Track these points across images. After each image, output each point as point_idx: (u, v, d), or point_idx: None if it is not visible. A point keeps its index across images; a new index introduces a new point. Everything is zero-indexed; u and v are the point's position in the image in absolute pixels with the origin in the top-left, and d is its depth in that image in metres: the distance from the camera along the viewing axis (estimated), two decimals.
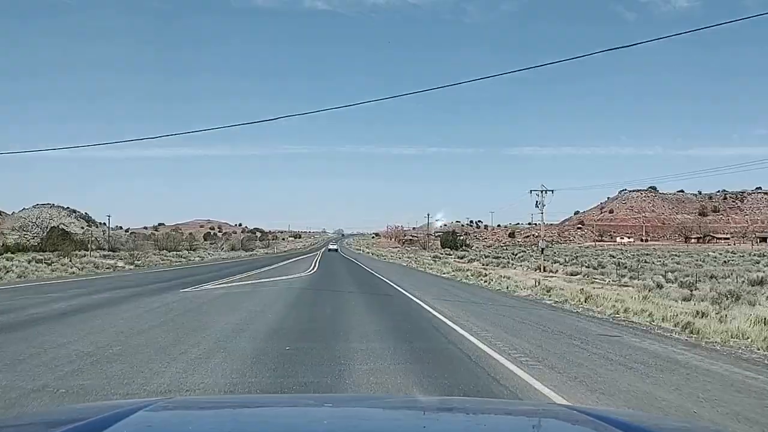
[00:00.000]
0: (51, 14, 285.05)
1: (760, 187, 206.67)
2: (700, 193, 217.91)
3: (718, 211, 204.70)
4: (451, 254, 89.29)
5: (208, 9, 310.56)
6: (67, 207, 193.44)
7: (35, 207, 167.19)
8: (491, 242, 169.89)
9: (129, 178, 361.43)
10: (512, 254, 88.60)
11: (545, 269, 45.14)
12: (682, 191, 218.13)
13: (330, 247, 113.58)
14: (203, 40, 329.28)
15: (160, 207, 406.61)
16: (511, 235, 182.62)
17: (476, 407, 2.47)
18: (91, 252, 59.45)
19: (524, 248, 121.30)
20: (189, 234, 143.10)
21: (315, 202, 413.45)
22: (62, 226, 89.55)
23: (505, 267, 50.42)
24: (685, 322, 11.62)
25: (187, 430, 1.79)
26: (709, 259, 69.90)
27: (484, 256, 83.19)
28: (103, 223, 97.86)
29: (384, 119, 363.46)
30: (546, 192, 47.12)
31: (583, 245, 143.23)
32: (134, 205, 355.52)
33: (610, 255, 77.49)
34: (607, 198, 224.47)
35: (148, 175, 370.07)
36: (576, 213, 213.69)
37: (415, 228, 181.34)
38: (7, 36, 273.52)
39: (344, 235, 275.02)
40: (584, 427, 1.79)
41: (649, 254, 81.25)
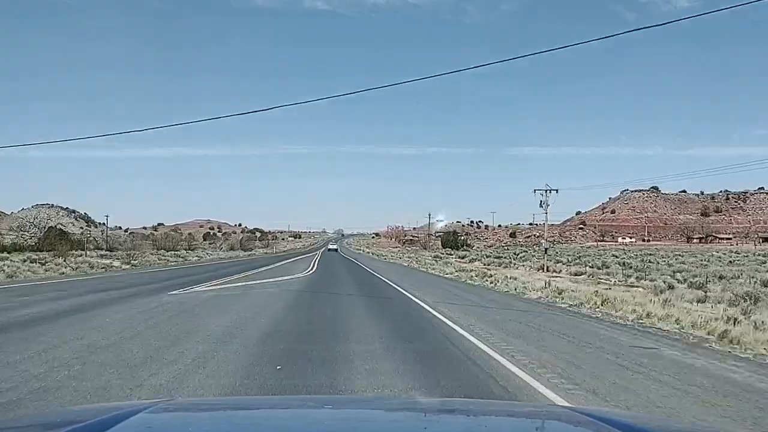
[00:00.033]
0: (51, 14, 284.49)
1: (762, 187, 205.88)
2: (703, 193, 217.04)
3: (721, 212, 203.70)
4: (452, 254, 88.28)
5: (208, 9, 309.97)
6: (66, 207, 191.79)
7: (34, 207, 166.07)
8: (492, 242, 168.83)
9: (129, 178, 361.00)
10: (514, 254, 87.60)
11: (548, 269, 44.11)
12: (685, 191, 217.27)
13: (330, 247, 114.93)
14: (203, 40, 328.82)
15: (160, 207, 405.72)
16: (512, 235, 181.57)
17: (477, 409, 2.41)
18: (87, 252, 58.52)
19: (526, 248, 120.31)
20: (188, 234, 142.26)
21: (315, 202, 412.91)
22: (60, 226, 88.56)
23: (507, 267, 49.37)
24: (721, 331, 10.52)
25: None
26: (714, 259, 68.85)
27: (486, 256, 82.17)
28: (103, 224, 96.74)
29: (384, 119, 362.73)
30: (550, 191, 46.23)
31: (585, 245, 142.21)
32: (134, 205, 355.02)
33: (613, 255, 76.49)
34: (609, 198, 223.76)
35: (148, 175, 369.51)
36: (577, 213, 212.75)
37: (416, 228, 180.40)
38: (7, 36, 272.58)
39: (344, 235, 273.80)
40: (586, 429, 1.79)
41: (652, 254, 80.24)
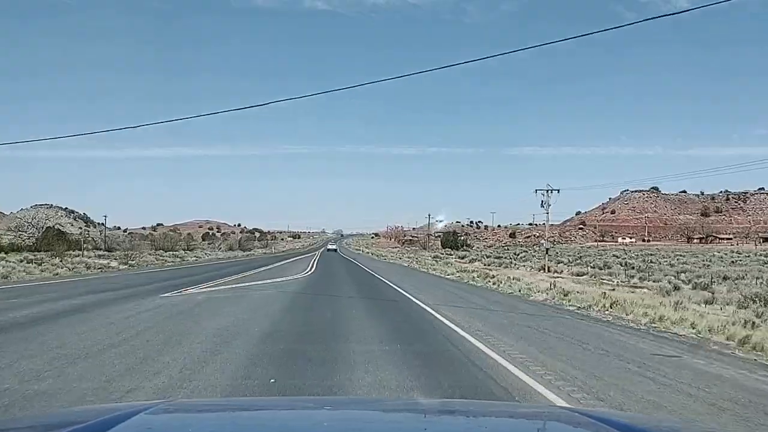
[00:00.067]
0: (51, 14, 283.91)
1: (762, 188, 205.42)
2: (703, 193, 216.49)
3: (721, 212, 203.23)
4: (451, 254, 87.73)
5: (208, 9, 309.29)
6: (65, 207, 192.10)
7: (33, 207, 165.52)
8: (492, 242, 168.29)
9: (128, 178, 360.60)
10: (514, 254, 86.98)
11: (549, 270, 43.57)
12: (685, 192, 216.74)
13: (329, 247, 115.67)
14: (203, 40, 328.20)
15: (160, 207, 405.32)
16: (512, 235, 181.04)
17: (478, 410, 2.39)
18: (84, 252, 57.97)
19: (526, 248, 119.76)
20: (187, 234, 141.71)
21: (314, 202, 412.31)
22: (58, 226, 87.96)
23: (508, 267, 48.80)
24: (741, 336, 9.96)
25: None
26: (716, 259, 68.31)
27: (486, 256, 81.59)
28: (101, 224, 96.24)
29: (384, 119, 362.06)
30: (551, 191, 45.69)
31: (585, 245, 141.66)
32: (133, 206, 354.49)
33: (614, 255, 75.91)
34: (609, 198, 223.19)
35: (148, 175, 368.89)
36: (577, 213, 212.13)
37: (415, 228, 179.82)
38: (7, 36, 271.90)
39: (343, 235, 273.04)
40: (585, 429, 1.79)
41: (653, 254, 79.68)
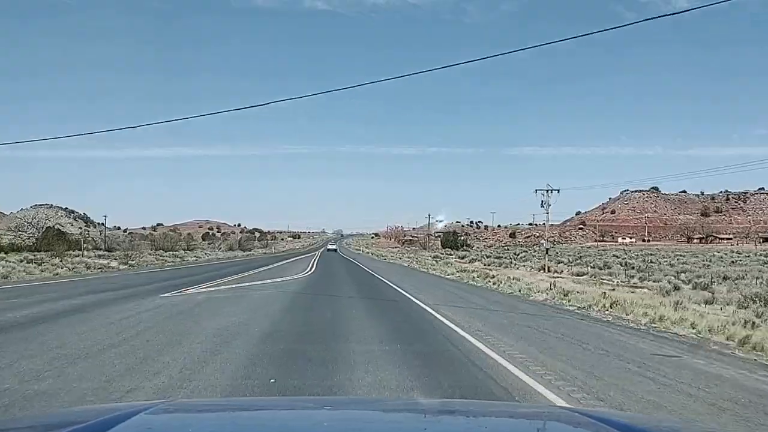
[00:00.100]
0: (51, 14, 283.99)
1: (762, 188, 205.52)
2: (703, 193, 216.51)
3: (721, 212, 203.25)
4: (451, 254, 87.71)
5: (208, 9, 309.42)
6: (65, 207, 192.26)
7: (33, 207, 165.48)
8: (492, 242, 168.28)
9: (129, 178, 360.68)
10: (514, 254, 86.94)
11: (549, 270, 43.53)
12: (685, 192, 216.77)
13: (329, 247, 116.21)
14: (203, 40, 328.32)
15: (160, 207, 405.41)
16: (511, 235, 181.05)
17: (477, 410, 2.38)
18: (84, 252, 57.96)
19: (526, 248, 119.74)
20: (187, 234, 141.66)
21: (314, 202, 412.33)
22: (58, 226, 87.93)
23: (508, 267, 48.77)
24: (741, 336, 9.93)
25: None
26: (716, 259, 68.25)
27: (486, 256, 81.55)
28: (101, 224, 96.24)
29: (384, 119, 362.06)
30: (551, 191, 45.66)
31: (585, 245, 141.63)
32: (134, 206, 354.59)
33: (614, 255, 75.87)
34: (609, 198, 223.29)
35: (148, 175, 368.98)
36: (577, 213, 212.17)
37: (415, 228, 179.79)
38: (7, 36, 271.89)
39: (343, 235, 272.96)
40: (585, 429, 1.79)
41: (653, 254, 79.63)
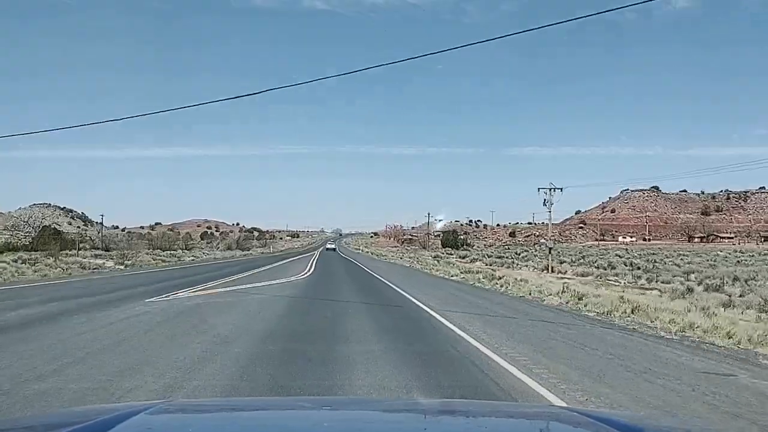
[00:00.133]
0: (51, 14, 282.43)
1: (763, 187, 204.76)
2: (703, 192, 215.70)
3: (721, 211, 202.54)
4: (452, 254, 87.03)
5: (208, 9, 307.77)
6: (63, 207, 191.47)
7: (30, 206, 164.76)
8: (492, 242, 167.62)
9: (128, 178, 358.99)
10: (515, 254, 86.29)
11: (553, 270, 42.83)
12: (685, 191, 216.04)
13: (328, 246, 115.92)
14: (203, 40, 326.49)
15: (159, 207, 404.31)
16: (511, 234, 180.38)
17: (478, 410, 2.39)
18: (79, 252, 57.24)
19: (526, 248, 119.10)
20: (186, 233, 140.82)
21: (314, 201, 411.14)
22: (55, 226, 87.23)
23: (510, 267, 48.05)
24: None
25: None
26: (720, 259, 67.55)
27: (487, 255, 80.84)
28: (99, 223, 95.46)
29: (384, 119, 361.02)
30: (554, 190, 45.00)
31: (586, 245, 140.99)
32: (133, 205, 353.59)
33: (617, 255, 75.15)
34: (609, 198, 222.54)
35: (148, 174, 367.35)
36: (577, 212, 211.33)
37: (414, 227, 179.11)
38: (7, 36, 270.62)
39: (342, 234, 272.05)
40: (585, 429, 1.79)
41: (655, 254, 78.96)
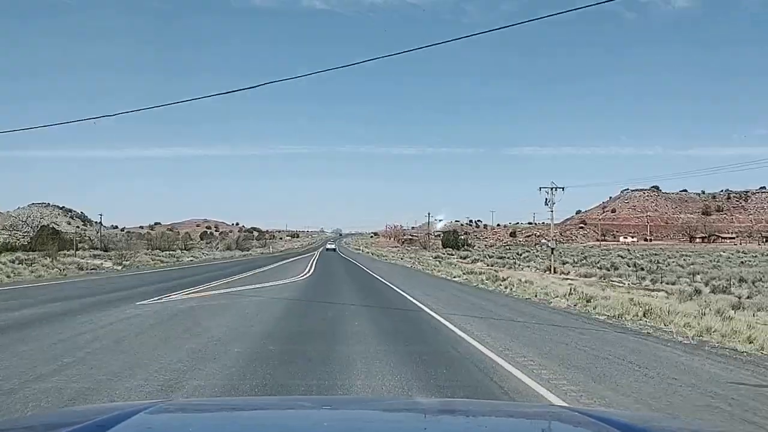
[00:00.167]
0: (51, 14, 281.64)
1: (764, 186, 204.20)
2: (704, 192, 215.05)
3: (722, 211, 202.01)
4: (453, 254, 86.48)
5: (208, 9, 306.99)
6: (62, 206, 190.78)
7: (29, 206, 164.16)
8: (492, 242, 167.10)
9: (128, 177, 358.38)
10: (516, 254, 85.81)
11: (555, 270, 42.27)
12: (685, 190, 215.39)
13: (328, 246, 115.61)
14: (203, 40, 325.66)
15: (159, 207, 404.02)
16: (512, 234, 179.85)
17: (478, 409, 2.38)
18: (76, 252, 56.64)
19: (527, 248, 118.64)
20: (185, 233, 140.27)
21: (314, 201, 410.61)
22: (53, 225, 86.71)
23: (512, 268, 47.48)
24: None
25: None
26: (723, 259, 67.05)
27: (488, 256, 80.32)
28: (99, 223, 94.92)
29: (384, 119, 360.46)
30: (556, 189, 44.43)
31: (587, 245, 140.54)
32: (133, 205, 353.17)
33: (619, 255, 74.68)
34: (609, 197, 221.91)
35: (148, 174, 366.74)
36: (577, 212, 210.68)
37: (414, 227, 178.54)
38: (7, 36, 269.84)
39: (342, 234, 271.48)
40: (586, 429, 1.79)
41: (657, 254, 78.49)
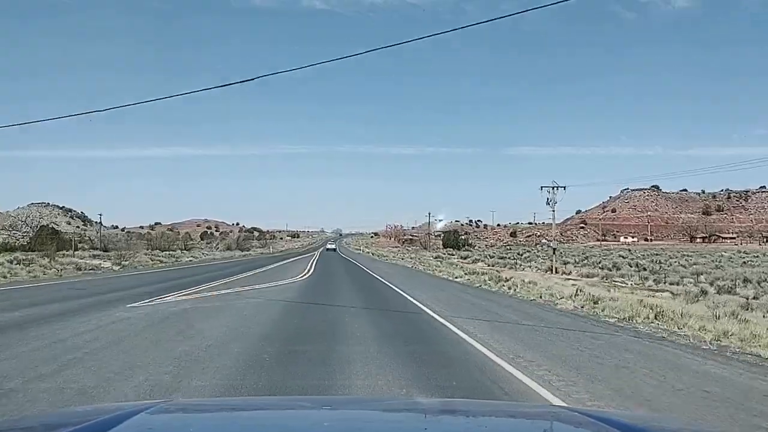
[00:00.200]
0: (51, 14, 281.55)
1: (764, 186, 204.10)
2: (704, 192, 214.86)
3: (722, 210, 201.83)
4: (453, 254, 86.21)
5: (208, 9, 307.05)
6: (62, 206, 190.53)
7: (29, 206, 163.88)
8: (493, 242, 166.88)
9: (128, 177, 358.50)
10: (517, 254, 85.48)
11: (557, 271, 42.00)
12: (685, 190, 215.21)
13: (328, 246, 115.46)
14: (203, 40, 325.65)
15: (159, 207, 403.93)
16: (512, 234, 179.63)
17: (478, 409, 2.39)
18: (76, 252, 56.39)
19: (528, 248, 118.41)
20: (185, 233, 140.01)
21: (314, 201, 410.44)
22: (53, 225, 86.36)
23: (513, 268, 47.21)
24: None
25: None
26: (725, 259, 66.73)
27: (489, 256, 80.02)
28: (99, 222, 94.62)
29: (384, 119, 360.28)
30: (557, 188, 44.15)
31: (588, 245, 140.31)
32: (133, 205, 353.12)
33: (620, 255, 74.36)
34: (609, 197, 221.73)
35: (147, 174, 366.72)
36: (578, 212, 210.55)
37: (414, 227, 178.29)
38: (7, 36, 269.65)
39: (342, 234, 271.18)
40: (586, 429, 1.80)
41: (658, 254, 78.19)
